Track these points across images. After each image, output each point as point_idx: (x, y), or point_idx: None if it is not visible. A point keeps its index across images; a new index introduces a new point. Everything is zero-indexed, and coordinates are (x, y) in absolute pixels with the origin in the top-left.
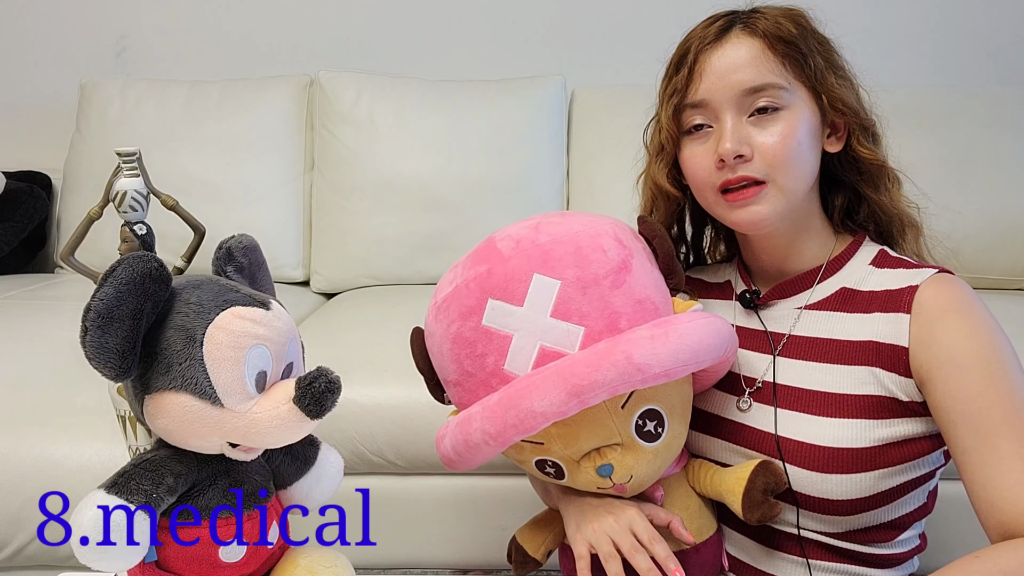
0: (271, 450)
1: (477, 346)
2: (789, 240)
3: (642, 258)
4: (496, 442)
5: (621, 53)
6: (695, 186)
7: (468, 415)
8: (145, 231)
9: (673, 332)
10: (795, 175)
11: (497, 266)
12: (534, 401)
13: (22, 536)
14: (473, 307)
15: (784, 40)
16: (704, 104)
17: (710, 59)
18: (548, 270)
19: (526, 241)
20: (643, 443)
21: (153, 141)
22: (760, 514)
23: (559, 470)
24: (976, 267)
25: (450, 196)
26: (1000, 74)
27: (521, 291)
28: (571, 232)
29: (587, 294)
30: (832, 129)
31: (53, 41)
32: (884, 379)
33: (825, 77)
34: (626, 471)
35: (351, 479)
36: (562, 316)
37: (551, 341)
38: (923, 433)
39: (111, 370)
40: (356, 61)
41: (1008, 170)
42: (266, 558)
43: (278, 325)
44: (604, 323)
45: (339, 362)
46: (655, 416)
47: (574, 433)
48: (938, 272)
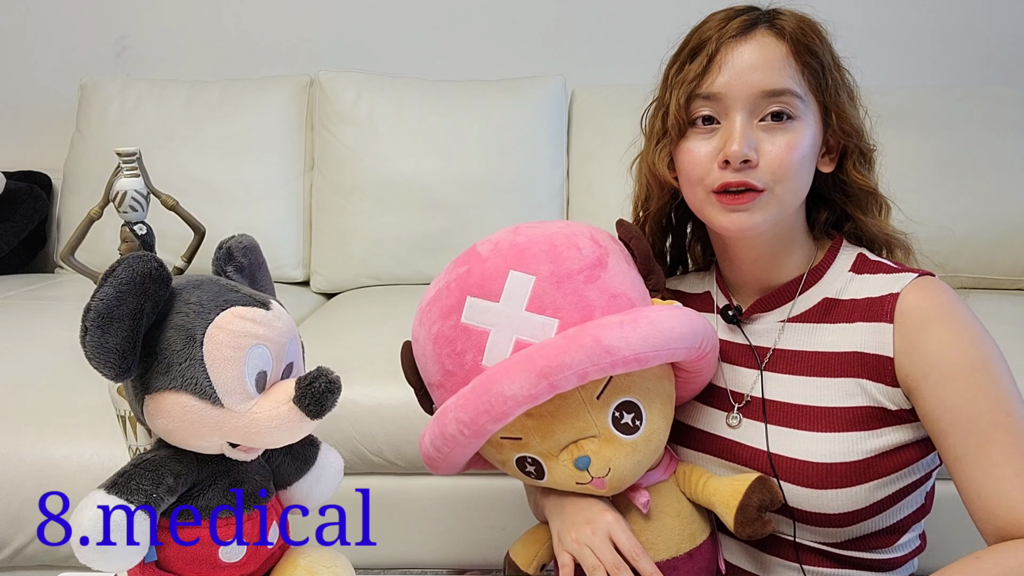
0: (271, 450)
1: (456, 344)
2: (771, 251)
3: (619, 258)
4: (470, 431)
5: (621, 53)
6: (687, 181)
7: (444, 408)
8: (145, 231)
9: (643, 319)
10: (793, 188)
11: (476, 266)
12: (504, 385)
13: (22, 536)
14: (453, 306)
15: (809, 50)
16: (717, 98)
17: (732, 53)
18: (523, 266)
19: (504, 242)
20: (620, 435)
21: (153, 141)
22: (752, 531)
23: (539, 467)
24: (976, 267)
25: (450, 196)
26: (1000, 74)
27: (498, 287)
28: (547, 233)
29: (561, 288)
30: (827, 149)
31: (53, 41)
32: (871, 389)
33: (838, 96)
34: (603, 463)
35: (351, 479)
36: (537, 310)
37: (526, 334)
38: (914, 439)
39: (111, 370)
40: (356, 61)
41: (1008, 170)
42: (266, 558)
43: (278, 325)
44: (578, 315)
45: (339, 362)
46: (632, 408)
47: (550, 426)
48: (918, 276)
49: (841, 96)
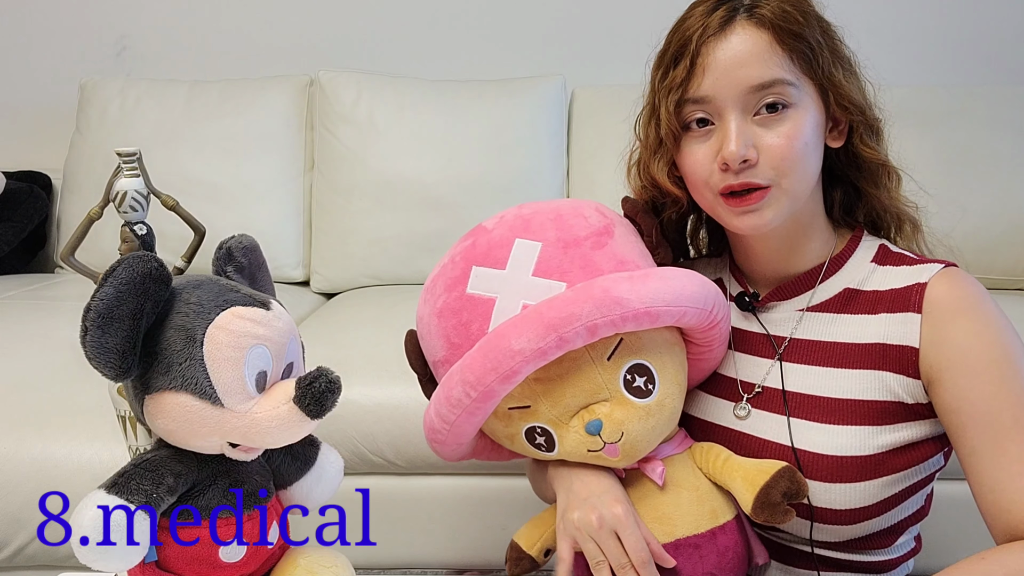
0: (271, 450)
1: (462, 314)
2: (790, 242)
3: (625, 229)
4: (477, 392)
5: (621, 53)
6: (693, 186)
7: (449, 373)
8: (145, 231)
9: (654, 274)
10: (801, 177)
11: (481, 237)
12: (511, 340)
13: (22, 536)
14: (458, 277)
15: (793, 33)
16: (707, 100)
17: (713, 52)
18: (529, 234)
19: (509, 214)
20: (633, 398)
21: (153, 141)
22: (769, 515)
23: (549, 438)
24: (976, 267)
25: (450, 196)
26: (1000, 74)
27: (504, 256)
28: (553, 204)
29: (568, 253)
30: (834, 123)
31: (53, 41)
32: (891, 383)
33: (833, 73)
34: (616, 427)
35: (351, 479)
36: (544, 274)
37: (533, 298)
38: (927, 436)
39: (111, 370)
40: (356, 61)
41: (1008, 170)
42: (266, 558)
43: (278, 325)
44: (586, 279)
45: (339, 362)
46: (644, 371)
47: (559, 389)
48: (944, 267)
49: (836, 73)
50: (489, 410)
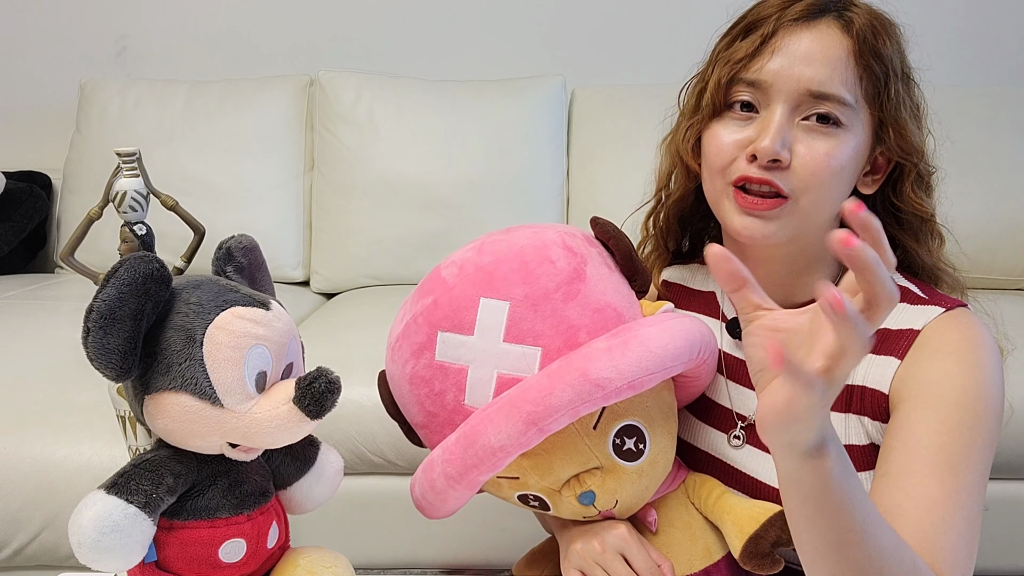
0: (271, 450)
1: (434, 384)
2: (789, 268)
3: (597, 263)
4: (461, 485)
5: (621, 53)
6: (708, 167)
7: (431, 459)
8: (145, 231)
9: (633, 340)
10: (823, 199)
11: (442, 296)
12: (490, 436)
13: (22, 536)
14: (424, 343)
15: (875, 51)
16: (761, 85)
17: (788, 38)
18: (494, 292)
19: (469, 265)
20: (624, 463)
21: (153, 141)
22: (757, 565)
23: (542, 502)
24: (976, 267)
25: (450, 196)
26: (1000, 74)
27: (469, 319)
28: (515, 248)
29: (539, 311)
30: (872, 168)
31: (53, 41)
32: (869, 428)
33: (900, 110)
34: (610, 496)
35: (351, 479)
36: (516, 339)
37: (508, 368)
38: None
39: (112, 370)
40: (356, 61)
41: (1008, 170)
42: (266, 558)
43: (278, 325)
44: (561, 339)
45: (339, 362)
46: (634, 432)
47: (547, 463)
48: (946, 311)
49: (903, 111)
50: (475, 491)
